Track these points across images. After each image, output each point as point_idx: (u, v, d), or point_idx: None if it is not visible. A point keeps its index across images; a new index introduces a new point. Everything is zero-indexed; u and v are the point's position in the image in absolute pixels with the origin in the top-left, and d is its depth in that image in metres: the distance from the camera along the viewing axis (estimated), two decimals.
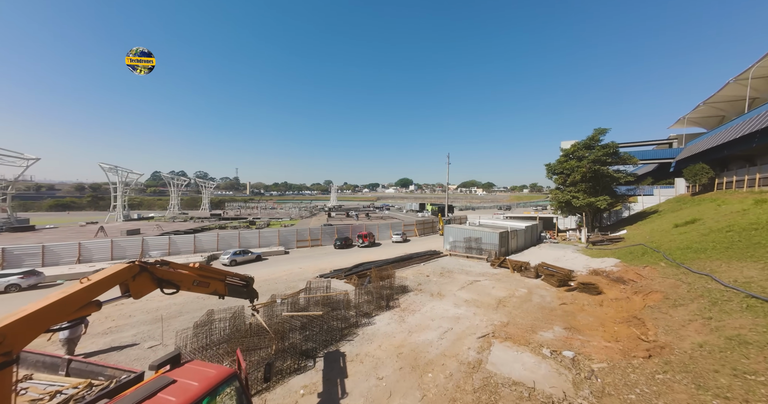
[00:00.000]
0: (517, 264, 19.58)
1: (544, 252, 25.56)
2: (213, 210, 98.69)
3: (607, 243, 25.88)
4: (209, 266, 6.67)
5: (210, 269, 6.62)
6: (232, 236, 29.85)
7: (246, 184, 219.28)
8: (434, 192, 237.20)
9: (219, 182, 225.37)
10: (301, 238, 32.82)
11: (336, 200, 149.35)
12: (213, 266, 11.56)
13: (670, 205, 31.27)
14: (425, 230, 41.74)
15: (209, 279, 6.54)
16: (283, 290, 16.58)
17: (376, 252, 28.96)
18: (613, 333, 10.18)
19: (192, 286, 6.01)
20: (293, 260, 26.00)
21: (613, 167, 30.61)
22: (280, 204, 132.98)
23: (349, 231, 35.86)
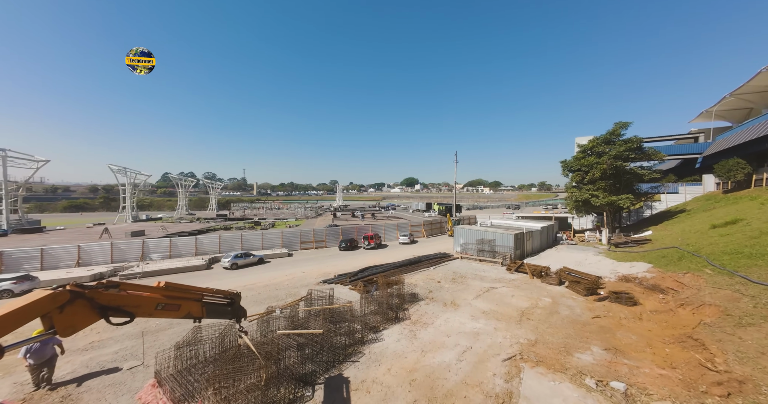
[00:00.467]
0: (536, 269, 17.92)
1: (563, 255, 23.75)
2: (220, 211, 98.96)
3: (631, 245, 23.91)
4: (179, 284, 5.37)
5: (181, 288, 5.34)
6: (234, 237, 28.92)
7: (253, 184, 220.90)
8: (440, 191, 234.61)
9: (227, 182, 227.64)
10: (305, 239, 31.69)
11: (341, 200, 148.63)
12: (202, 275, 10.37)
13: (700, 204, 28.96)
14: (433, 231, 40.19)
15: (180, 300, 5.25)
16: (283, 298, 15.37)
17: (382, 255, 27.60)
18: (666, 356, 8.56)
19: (155, 311, 4.73)
20: (296, 263, 24.84)
21: (635, 163, 28.49)
22: (287, 204, 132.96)
23: (355, 232, 34.60)
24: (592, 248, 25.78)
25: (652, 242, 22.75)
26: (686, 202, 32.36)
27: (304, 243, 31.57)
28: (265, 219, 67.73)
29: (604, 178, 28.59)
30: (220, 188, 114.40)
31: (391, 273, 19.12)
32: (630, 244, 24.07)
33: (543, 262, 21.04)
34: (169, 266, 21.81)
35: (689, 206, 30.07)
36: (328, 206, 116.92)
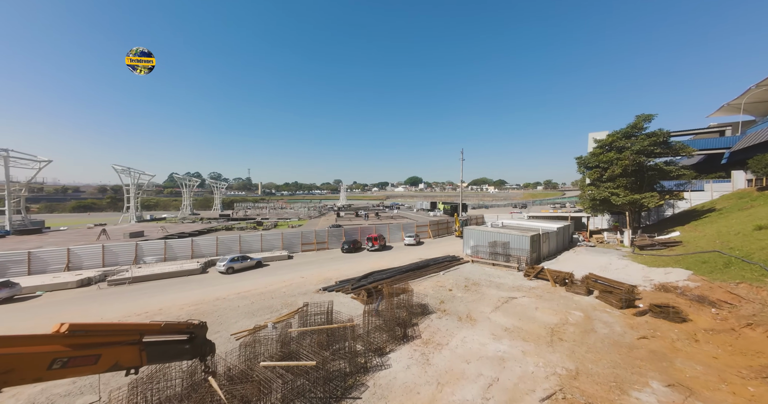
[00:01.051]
0: (558, 275, 16.01)
1: (584, 258, 21.73)
2: (223, 211, 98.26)
3: (659, 248, 21.79)
4: (98, 325, 3.64)
5: (100, 329, 3.65)
6: (232, 239, 27.46)
7: (258, 184, 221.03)
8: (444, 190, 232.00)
9: (232, 182, 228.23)
10: (306, 241, 30.12)
11: (345, 200, 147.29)
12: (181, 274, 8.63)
13: (731, 202, 26.60)
14: (439, 232, 38.34)
15: (99, 348, 3.56)
16: (278, 309, 13.75)
17: (387, 257, 25.87)
18: (752, 398, 6.68)
19: (47, 373, 3.06)
20: (296, 266, 23.25)
21: (660, 159, 26.23)
22: (291, 204, 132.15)
23: (358, 233, 32.93)
24: (614, 251, 23.68)
25: (683, 245, 20.60)
26: (714, 200, 29.94)
27: (305, 245, 30.01)
28: (267, 219, 66.50)
29: (625, 175, 26.43)
30: (224, 188, 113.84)
31: (397, 280, 17.43)
32: (657, 246, 21.95)
33: (563, 266, 19.10)
34: (161, 271, 20.40)
35: (718, 204, 27.71)
36: (332, 206, 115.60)
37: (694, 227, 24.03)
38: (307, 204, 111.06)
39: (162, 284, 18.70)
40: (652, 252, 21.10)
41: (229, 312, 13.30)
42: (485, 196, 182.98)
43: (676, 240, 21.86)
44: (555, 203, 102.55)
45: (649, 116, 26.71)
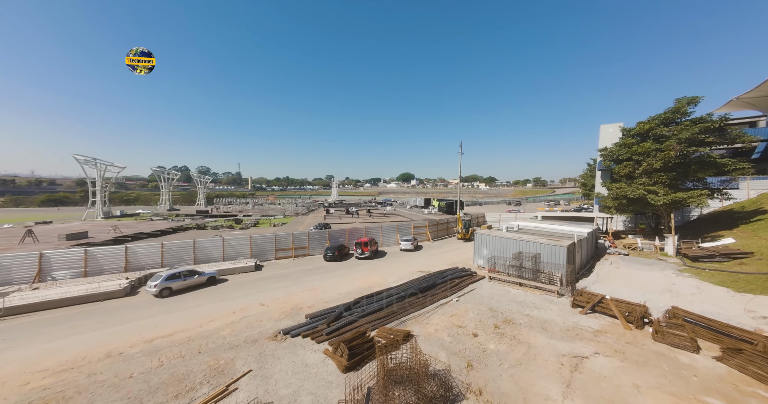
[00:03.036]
0: (630, 310, 10.71)
1: (629, 274, 16.62)
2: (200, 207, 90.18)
3: (720, 259, 16.92)
4: None
5: None
6: (184, 246, 20.98)
7: (248, 179, 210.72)
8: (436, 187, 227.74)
9: (221, 177, 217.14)
10: (282, 246, 24.07)
11: (337, 195, 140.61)
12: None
13: None
14: (439, 233, 32.95)
15: None
16: (196, 384, 7.86)
17: (380, 268, 20.20)
18: None
19: None
20: (261, 283, 17.28)
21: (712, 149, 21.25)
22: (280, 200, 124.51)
23: (345, 236, 27.06)
24: (659, 262, 18.71)
25: (756, 257, 15.74)
26: (752, 199, 25.52)
27: (280, 251, 23.96)
28: (250, 216, 59.69)
29: (664, 169, 21.47)
30: (209, 182, 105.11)
31: (393, 314, 11.80)
32: (717, 258, 17.05)
33: (606, 287, 13.94)
34: (62, 295, 14.06)
35: (766, 204, 23.18)
36: (323, 202, 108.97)
37: (752, 233, 19.32)
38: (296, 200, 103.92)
39: (51, 318, 12.45)
40: (717, 266, 16.16)
41: (98, 400, 7.33)
42: (477, 193, 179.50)
43: (741, 250, 17.00)
44: (549, 200, 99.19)
45: (695, 98, 21.71)
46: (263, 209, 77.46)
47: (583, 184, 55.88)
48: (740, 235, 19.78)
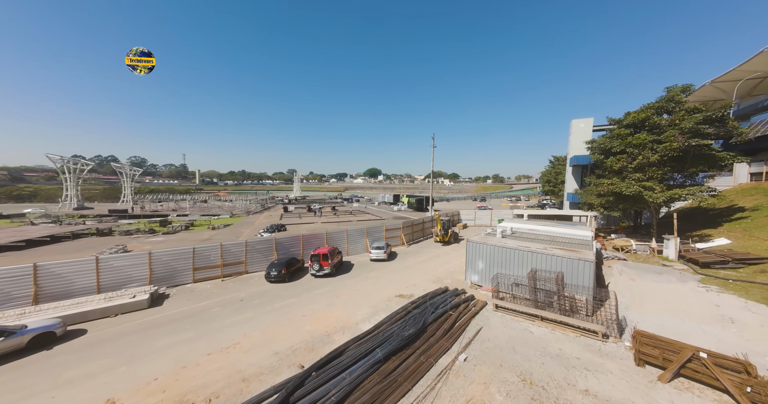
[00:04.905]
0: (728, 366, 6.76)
1: (650, 290, 13.51)
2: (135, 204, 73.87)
3: (734, 265, 14.78)
4: None
5: None
6: (21, 274, 12.63)
7: (195, 172, 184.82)
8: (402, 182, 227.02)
9: (161, 169, 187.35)
10: (205, 263, 16.89)
11: (299, 191, 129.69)
12: None
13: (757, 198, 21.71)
14: (414, 235, 28.31)
15: None
16: None
17: (343, 293, 14.51)
18: None
19: None
20: (144, 336, 10.38)
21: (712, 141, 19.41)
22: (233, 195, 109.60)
23: (300, 244, 20.69)
24: (665, 269, 16.23)
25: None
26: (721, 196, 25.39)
27: (202, 270, 16.75)
28: (185, 216, 48.72)
29: (661, 163, 19.33)
30: (137, 174, 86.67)
31: None
32: (731, 263, 14.90)
33: (645, 316, 10.40)
34: None
35: (738, 201, 22.80)
36: (282, 198, 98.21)
37: (744, 232, 17.98)
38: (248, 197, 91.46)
39: None
40: (737, 275, 13.83)
41: None
42: (442, 189, 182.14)
43: (752, 255, 15.05)
44: (511, 196, 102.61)
45: (688, 86, 19.89)
46: (206, 207, 65.27)
47: (547, 181, 56.51)
48: (731, 235, 18.41)
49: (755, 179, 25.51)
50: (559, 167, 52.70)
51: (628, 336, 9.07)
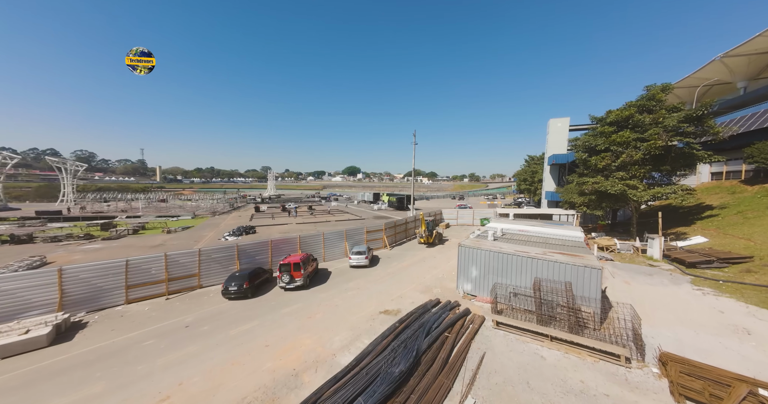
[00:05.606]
0: None
1: (648, 295, 12.81)
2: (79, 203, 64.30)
3: (718, 265, 14.67)
4: None
5: None
6: None
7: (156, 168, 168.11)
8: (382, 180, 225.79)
9: (115, 165, 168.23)
10: (145, 278, 13.55)
11: (274, 189, 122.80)
12: None
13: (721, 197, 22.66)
14: (397, 237, 26.48)
15: None
16: None
17: (318, 311, 12.18)
18: None
19: None
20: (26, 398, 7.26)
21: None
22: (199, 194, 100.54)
23: (268, 251, 17.86)
24: (654, 270, 15.89)
25: (763, 262, 13.67)
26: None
27: (139, 287, 13.41)
28: (138, 216, 42.72)
29: (644, 162, 19.23)
30: (80, 170, 75.66)
31: None
32: (715, 263, 14.78)
33: (654, 327, 9.32)
34: None
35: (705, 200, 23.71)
36: (255, 197, 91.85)
37: (718, 230, 18.33)
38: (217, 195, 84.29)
39: None
40: (724, 275, 13.60)
41: None
42: (421, 187, 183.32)
43: (735, 254, 15.07)
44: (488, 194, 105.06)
45: (667, 85, 19.99)
46: (164, 207, 58.33)
47: (524, 179, 57.71)
48: (706, 232, 18.74)
49: (716, 179, 26.98)
50: (535, 166, 53.94)
51: (651, 357, 7.83)
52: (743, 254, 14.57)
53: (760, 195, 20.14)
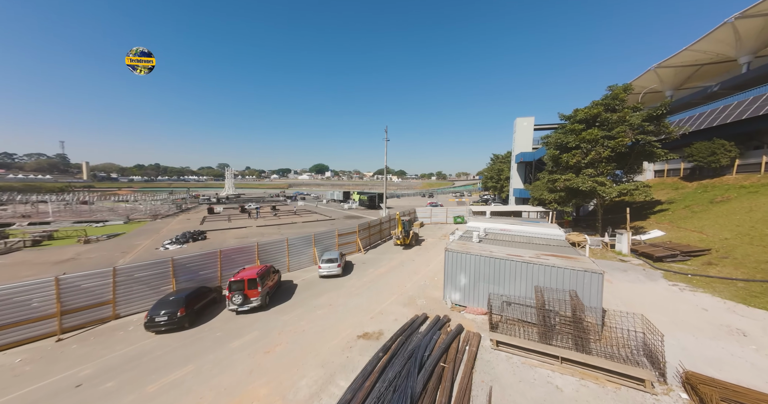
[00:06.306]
0: None
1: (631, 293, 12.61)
2: None
3: (681, 258, 15.33)
4: None
5: None
6: None
7: (81, 165, 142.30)
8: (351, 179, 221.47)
9: (23, 160, 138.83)
10: (18, 316, 9.52)
11: (233, 188, 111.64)
12: None
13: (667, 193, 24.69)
14: (371, 238, 24.39)
15: None
16: None
17: (279, 341, 9.65)
18: None
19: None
20: None
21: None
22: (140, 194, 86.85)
23: (217, 262, 14.50)
24: (626, 266, 16.18)
25: (719, 254, 14.46)
26: None
27: (10, 329, 9.38)
28: (48, 223, 34.36)
29: (609, 159, 19.80)
30: None
31: None
32: (679, 256, 15.42)
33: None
34: None
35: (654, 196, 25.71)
36: (210, 196, 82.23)
37: (671, 224, 19.61)
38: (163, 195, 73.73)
39: None
40: (692, 269, 14.08)
41: None
42: (390, 185, 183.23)
43: (694, 247, 15.90)
44: (455, 192, 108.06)
45: (628, 86, 20.89)
46: (87, 210, 48.27)
47: (490, 177, 59.67)
48: (661, 226, 19.97)
49: (658, 176, 29.75)
50: (501, 165, 55.91)
51: (670, 376, 6.92)
52: (701, 247, 15.44)
53: (699, 190, 22.31)
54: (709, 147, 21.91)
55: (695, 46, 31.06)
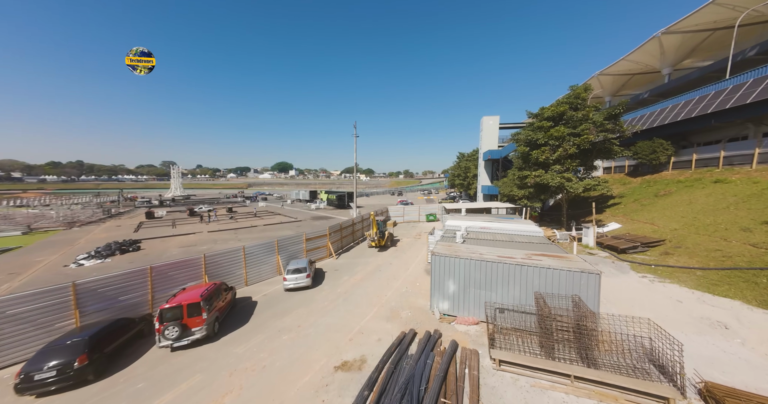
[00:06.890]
0: None
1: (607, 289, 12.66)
2: None
3: (642, 249, 16.27)
4: None
5: None
6: None
7: None
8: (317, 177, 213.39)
9: None
10: None
11: (181, 189, 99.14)
12: None
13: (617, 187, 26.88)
14: (343, 241, 22.29)
15: None
16: None
17: (228, 387, 7.30)
18: None
19: None
20: None
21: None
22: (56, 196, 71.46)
23: (147, 282, 11.22)
24: (595, 259, 16.71)
25: (673, 244, 15.57)
26: None
27: None
28: None
29: (576, 156, 20.62)
30: None
31: None
32: (639, 247, 16.36)
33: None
34: None
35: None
36: (150, 198, 71.06)
37: (625, 216, 21.15)
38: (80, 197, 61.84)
39: None
40: (653, 260, 14.91)
41: None
42: (359, 184, 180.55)
43: (650, 238, 17.03)
44: (423, 190, 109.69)
45: (588, 85, 22.02)
46: None
47: (457, 175, 61.12)
48: (616, 219, 21.44)
49: (606, 173, 32.65)
50: (467, 162, 57.48)
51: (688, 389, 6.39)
52: (656, 238, 16.60)
53: (644, 185, 24.72)
54: (650, 146, 24.29)
55: (630, 57, 34.69)
